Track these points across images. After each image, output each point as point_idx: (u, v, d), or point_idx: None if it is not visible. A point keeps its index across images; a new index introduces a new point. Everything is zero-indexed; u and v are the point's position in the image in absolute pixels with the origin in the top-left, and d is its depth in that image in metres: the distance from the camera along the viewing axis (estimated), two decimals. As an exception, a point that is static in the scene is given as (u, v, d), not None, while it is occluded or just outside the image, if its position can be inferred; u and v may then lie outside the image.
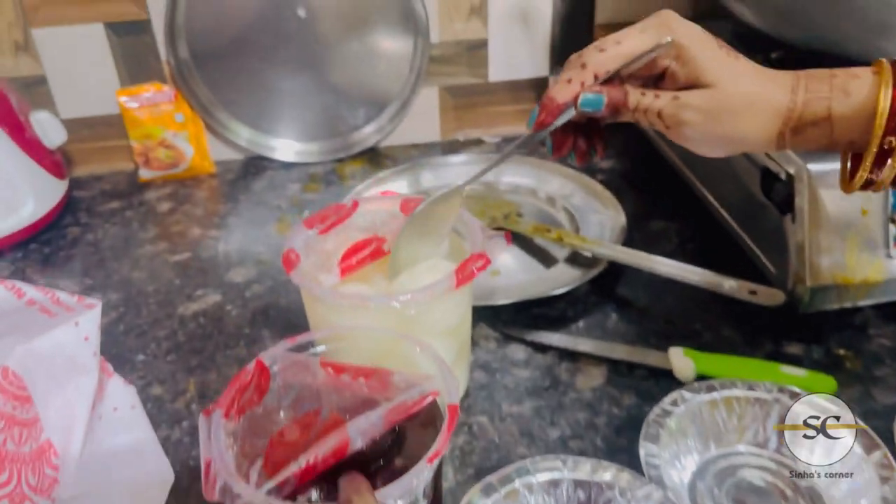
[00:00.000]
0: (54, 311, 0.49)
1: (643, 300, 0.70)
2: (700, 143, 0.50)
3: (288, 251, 0.54)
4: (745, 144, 0.50)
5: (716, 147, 0.51)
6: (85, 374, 0.49)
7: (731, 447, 0.55)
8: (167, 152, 0.93)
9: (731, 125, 0.49)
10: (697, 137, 0.50)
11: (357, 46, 0.92)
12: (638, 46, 0.49)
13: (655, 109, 0.49)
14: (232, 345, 0.67)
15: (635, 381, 0.61)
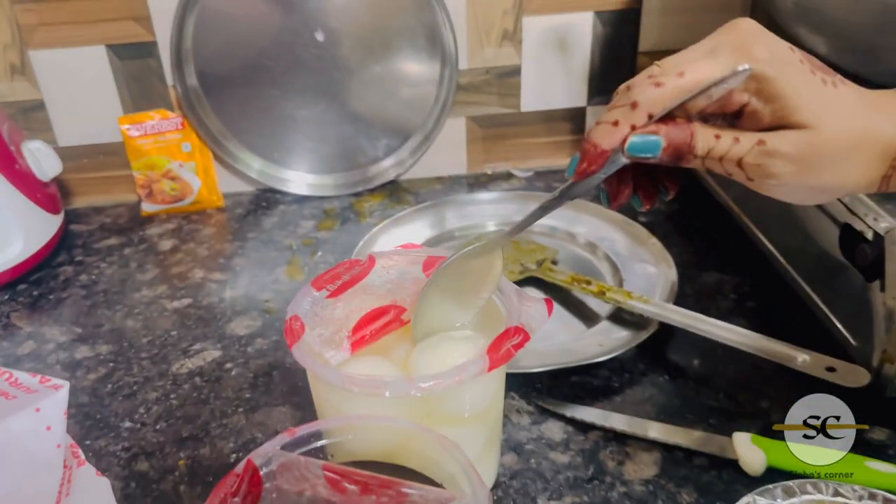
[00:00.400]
0: (13, 394, 0.41)
1: (699, 369, 0.61)
2: (788, 194, 0.41)
3: (291, 319, 0.46)
4: (843, 192, 0.42)
5: (807, 198, 0.42)
6: (46, 470, 0.41)
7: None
8: (172, 185, 0.86)
9: (830, 174, 0.39)
10: (786, 190, 0.40)
11: (378, 73, 0.84)
12: (706, 76, 0.38)
13: (734, 158, 0.39)
14: (229, 412, 0.59)
15: (694, 472, 0.52)
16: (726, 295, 0.70)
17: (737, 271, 0.72)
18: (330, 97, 0.85)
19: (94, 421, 0.59)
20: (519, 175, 0.93)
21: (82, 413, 0.60)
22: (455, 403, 0.45)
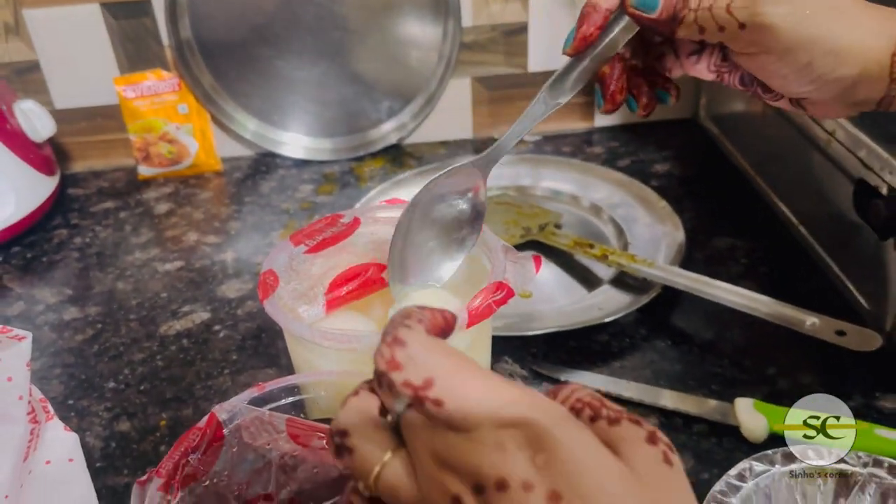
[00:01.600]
0: (-28, 345, 0.40)
1: (704, 335, 0.59)
2: (782, 57, 0.38)
3: (265, 273, 0.44)
4: (848, 62, 0.38)
5: (803, 68, 0.38)
6: (8, 420, 0.39)
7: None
8: (169, 147, 0.84)
9: (828, 25, 0.37)
10: (780, 48, 0.37)
11: (379, 32, 0.81)
12: None
13: (720, 10, 0.37)
14: (215, 374, 0.58)
15: (693, 438, 0.50)
16: (738, 260, 0.67)
17: (750, 236, 0.69)
18: (329, 57, 0.82)
19: (79, 381, 0.58)
20: (526, 139, 0.90)
21: (67, 373, 0.59)
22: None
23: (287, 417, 0.36)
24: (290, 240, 0.47)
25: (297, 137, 0.86)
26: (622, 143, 0.88)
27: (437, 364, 0.24)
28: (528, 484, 0.22)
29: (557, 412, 0.24)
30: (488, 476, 0.23)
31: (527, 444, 0.23)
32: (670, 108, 0.89)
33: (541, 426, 0.23)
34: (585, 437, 0.24)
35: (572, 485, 0.22)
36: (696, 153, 0.84)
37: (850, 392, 0.52)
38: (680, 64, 0.43)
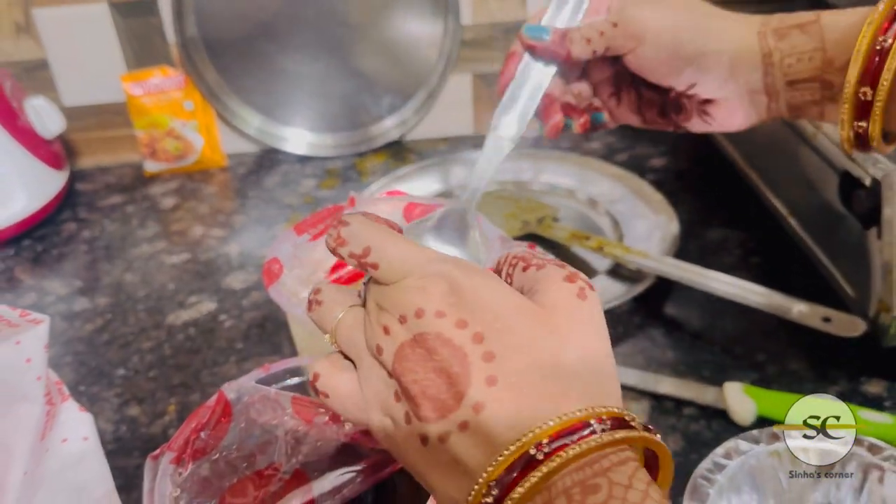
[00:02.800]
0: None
1: (696, 323, 0.60)
2: (654, 43, 0.43)
3: (270, 261, 0.46)
4: (717, 45, 0.43)
5: (673, 49, 0.43)
6: (26, 400, 0.41)
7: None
8: (175, 143, 0.86)
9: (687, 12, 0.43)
10: (649, 35, 0.43)
11: (380, 29, 0.83)
12: None
13: (599, 21, 0.44)
14: (221, 361, 0.60)
15: (683, 421, 0.52)
16: (731, 251, 0.68)
17: (743, 228, 0.71)
18: (331, 54, 0.84)
19: (90, 368, 0.60)
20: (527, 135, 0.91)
21: (78, 361, 0.61)
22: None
23: (292, 395, 0.38)
24: (294, 229, 0.49)
25: (301, 133, 0.88)
26: (619, 138, 0.89)
27: (372, 235, 0.30)
28: (440, 312, 0.28)
29: (472, 267, 0.30)
30: (410, 307, 0.28)
31: (445, 288, 0.28)
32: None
33: (455, 275, 0.29)
34: (493, 283, 0.29)
35: (475, 316, 0.28)
36: (690, 148, 0.85)
37: (836, 377, 0.54)
38: (610, 113, 0.50)
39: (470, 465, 0.27)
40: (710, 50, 0.43)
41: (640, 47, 0.43)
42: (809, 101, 0.43)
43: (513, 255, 0.32)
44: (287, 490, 0.34)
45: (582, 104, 0.50)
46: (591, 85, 0.49)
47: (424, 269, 0.29)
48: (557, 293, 0.29)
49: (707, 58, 0.43)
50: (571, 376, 0.27)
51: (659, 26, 0.43)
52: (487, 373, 0.27)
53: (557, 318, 0.28)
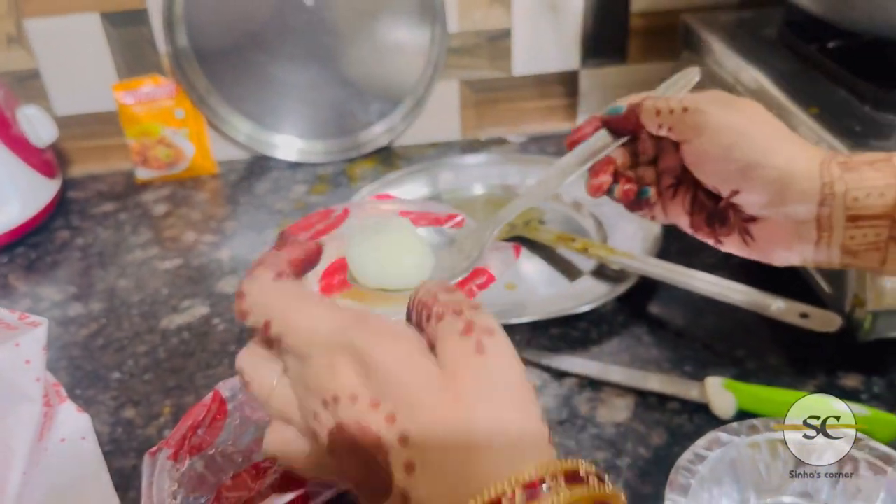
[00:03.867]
0: (-9, 331, 0.43)
1: (678, 321, 0.62)
2: (712, 138, 0.42)
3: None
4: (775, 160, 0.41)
5: (730, 148, 0.42)
6: (26, 401, 0.42)
7: (774, 498, 0.47)
8: (166, 151, 0.87)
9: (755, 121, 0.42)
10: (713, 127, 0.42)
11: (369, 37, 0.85)
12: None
13: (675, 100, 0.44)
14: (214, 364, 0.61)
15: (666, 415, 0.53)
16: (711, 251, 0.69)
17: (723, 228, 0.72)
18: (320, 62, 0.86)
19: (85, 372, 0.61)
20: (512, 140, 0.93)
21: (73, 365, 0.62)
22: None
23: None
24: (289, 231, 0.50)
25: (291, 140, 0.89)
26: (604, 142, 0.91)
27: (272, 306, 0.31)
28: (353, 396, 0.28)
29: (380, 331, 0.29)
30: (326, 392, 0.29)
31: (353, 363, 0.29)
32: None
33: (359, 347, 0.28)
34: (398, 350, 0.29)
35: (385, 392, 0.28)
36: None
37: (814, 371, 0.56)
38: (663, 206, 0.49)
39: None
40: (763, 163, 0.41)
41: (697, 139, 0.43)
42: (870, 244, 0.40)
43: (418, 300, 0.31)
44: (283, 482, 0.35)
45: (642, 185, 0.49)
46: (656, 173, 0.49)
47: (330, 342, 0.29)
48: (454, 351, 0.29)
49: (757, 169, 0.41)
50: (484, 449, 0.27)
51: (720, 124, 0.42)
52: (405, 458, 0.27)
53: (459, 383, 0.28)
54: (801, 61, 0.68)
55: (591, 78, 0.92)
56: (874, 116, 0.58)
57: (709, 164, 0.43)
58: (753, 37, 0.75)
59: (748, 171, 0.41)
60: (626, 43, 0.90)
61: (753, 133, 0.42)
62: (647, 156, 0.49)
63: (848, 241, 0.40)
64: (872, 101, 0.59)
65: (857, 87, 0.61)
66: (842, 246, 0.41)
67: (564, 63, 0.90)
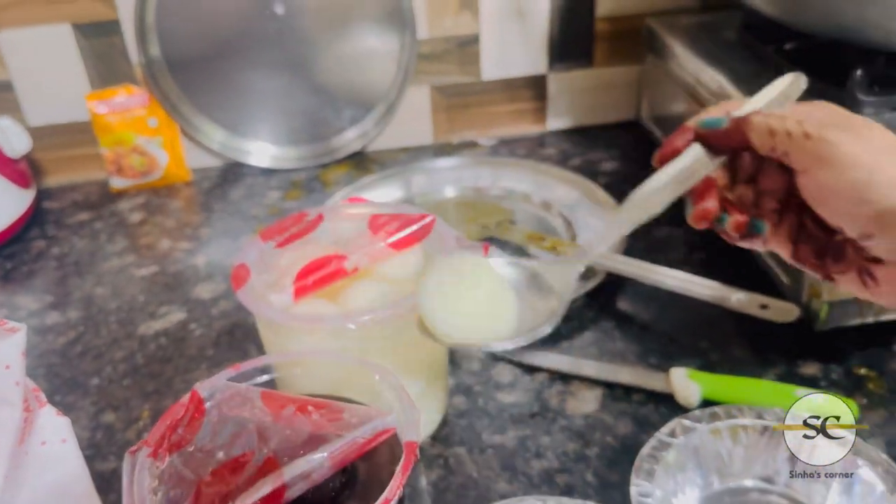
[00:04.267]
0: (-32, 338, 0.43)
1: (644, 316, 0.64)
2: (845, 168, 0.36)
3: (238, 266, 0.48)
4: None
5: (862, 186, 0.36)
6: (6, 405, 0.43)
7: (736, 482, 0.49)
8: (140, 159, 0.88)
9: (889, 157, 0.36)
10: (841, 158, 0.36)
11: (339, 44, 0.86)
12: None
13: (791, 116, 0.38)
14: (192, 368, 0.62)
15: (633, 406, 0.55)
16: (676, 248, 0.72)
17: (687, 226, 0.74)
18: (292, 70, 0.87)
19: (64, 379, 0.61)
20: (483, 143, 0.95)
21: (52, 372, 0.62)
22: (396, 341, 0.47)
23: (262, 390, 0.40)
24: (260, 236, 0.51)
25: (264, 147, 0.90)
26: (573, 144, 0.93)
27: None
28: None
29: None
30: None
31: None
32: (615, 112, 0.96)
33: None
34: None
35: None
36: (639, 151, 0.89)
37: (774, 360, 0.58)
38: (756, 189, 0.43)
39: None
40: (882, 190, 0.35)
41: (820, 171, 0.37)
42: None
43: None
44: (260, 476, 0.36)
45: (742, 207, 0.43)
46: (755, 193, 0.43)
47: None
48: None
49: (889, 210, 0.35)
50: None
51: (850, 158, 0.36)
52: None
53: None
54: (759, 62, 0.71)
55: (558, 82, 0.94)
56: (826, 114, 0.60)
57: (836, 202, 0.37)
58: (713, 39, 0.78)
59: (887, 216, 0.36)
60: (592, 47, 0.92)
61: (891, 170, 0.36)
62: (746, 173, 0.43)
63: None
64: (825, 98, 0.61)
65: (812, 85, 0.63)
66: None
67: (532, 67, 0.92)
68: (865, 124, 0.38)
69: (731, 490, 0.48)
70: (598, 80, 0.94)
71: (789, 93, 0.43)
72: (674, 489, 0.47)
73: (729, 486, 0.49)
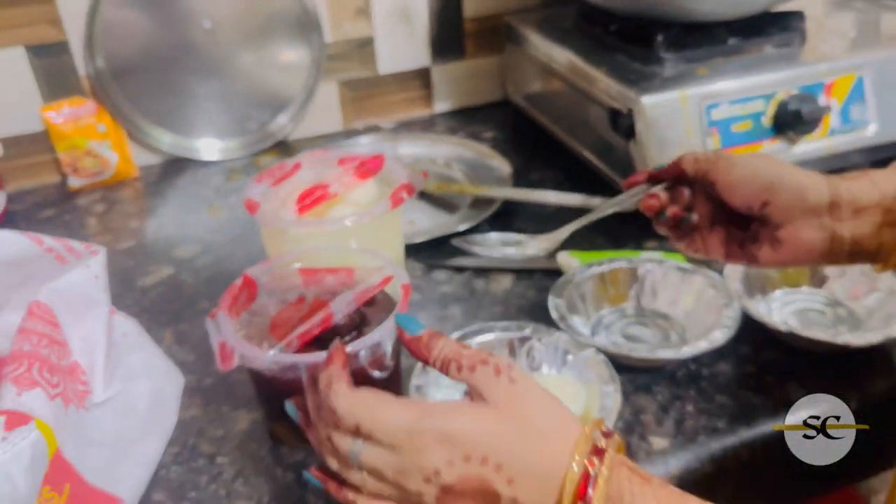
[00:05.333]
0: (67, 259, 0.58)
1: (534, 226, 0.86)
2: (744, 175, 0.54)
3: (248, 199, 0.66)
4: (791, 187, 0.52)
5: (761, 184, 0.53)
6: (98, 306, 0.58)
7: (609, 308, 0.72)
8: (94, 160, 1.01)
9: (770, 161, 0.54)
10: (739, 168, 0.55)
11: (260, 50, 1.04)
12: None
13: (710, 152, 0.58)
14: (196, 301, 0.77)
15: (535, 281, 0.77)
16: (548, 185, 0.95)
17: (556, 168, 0.98)
18: (222, 75, 1.03)
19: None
20: (384, 126, 1.15)
21: (74, 321, 0.76)
22: (374, 238, 0.66)
23: (298, 267, 0.58)
24: (255, 180, 0.69)
25: (204, 142, 1.06)
26: (457, 122, 1.15)
27: (358, 410, 0.41)
28: (450, 462, 0.39)
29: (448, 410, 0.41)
30: (426, 469, 0.39)
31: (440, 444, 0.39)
32: (488, 94, 1.19)
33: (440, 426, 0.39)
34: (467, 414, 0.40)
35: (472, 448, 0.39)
36: (509, 124, 1.13)
37: (626, 241, 0.81)
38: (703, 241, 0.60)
39: None
40: (784, 176, 0.52)
41: (727, 176, 0.55)
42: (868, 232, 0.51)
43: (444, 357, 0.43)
44: (314, 310, 0.54)
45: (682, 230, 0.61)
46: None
47: (413, 430, 0.40)
48: (498, 389, 0.40)
49: (780, 181, 0.52)
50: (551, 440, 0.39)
51: (745, 162, 0.54)
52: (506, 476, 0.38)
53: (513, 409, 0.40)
54: (593, 40, 0.95)
55: (440, 73, 1.16)
56: (642, 70, 0.85)
57: (740, 188, 0.54)
58: (558, 27, 1.02)
59: (773, 185, 0.52)
60: (463, 42, 1.15)
61: (771, 162, 0.54)
62: (684, 202, 0.60)
63: (855, 230, 0.51)
64: (641, 61, 0.86)
65: (630, 53, 0.88)
66: (851, 235, 0.51)
67: (418, 62, 1.14)
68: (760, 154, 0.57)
69: (614, 311, 0.71)
70: (471, 69, 1.17)
71: None
72: (576, 310, 0.68)
73: (601, 312, 0.71)
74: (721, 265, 0.72)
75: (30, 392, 0.49)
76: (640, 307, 0.71)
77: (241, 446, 0.60)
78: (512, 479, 0.39)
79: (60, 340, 0.54)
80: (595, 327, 0.69)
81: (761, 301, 0.70)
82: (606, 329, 0.69)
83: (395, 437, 0.40)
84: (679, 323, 0.69)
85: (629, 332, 0.69)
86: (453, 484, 0.39)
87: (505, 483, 0.39)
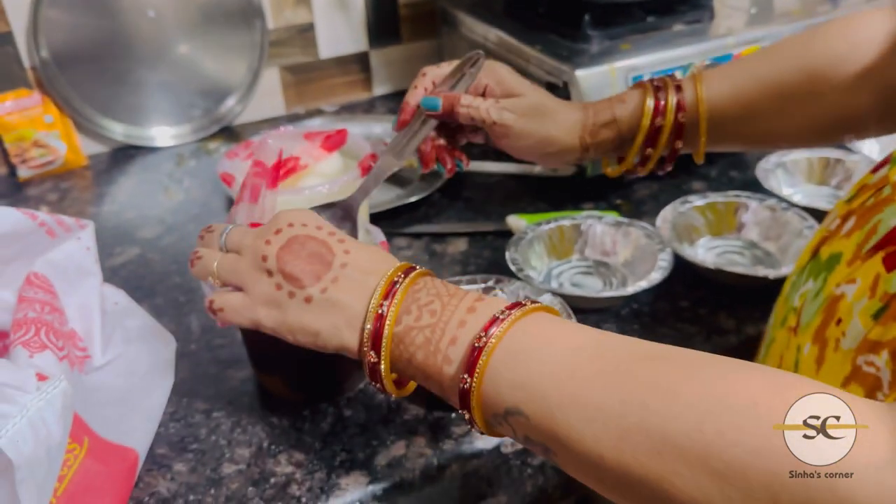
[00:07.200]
0: (57, 233, 0.61)
1: (483, 194, 0.93)
2: (519, 138, 0.65)
3: (223, 173, 0.70)
4: (556, 144, 0.66)
5: (533, 145, 0.66)
6: (91, 275, 0.62)
7: (563, 260, 0.79)
8: (42, 151, 1.02)
9: (539, 124, 0.65)
10: (516, 133, 0.65)
11: (204, 38, 1.07)
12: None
13: (483, 107, 0.65)
14: (167, 276, 0.81)
15: (488, 241, 0.84)
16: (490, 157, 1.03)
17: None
18: (168, 63, 1.06)
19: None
20: (327, 110, 1.20)
21: (48, 302, 0.78)
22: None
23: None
24: (226, 156, 0.73)
25: (153, 130, 1.08)
26: (396, 104, 1.20)
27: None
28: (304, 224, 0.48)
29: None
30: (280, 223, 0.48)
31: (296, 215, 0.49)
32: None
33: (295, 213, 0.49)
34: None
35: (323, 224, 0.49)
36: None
37: (566, 204, 0.89)
38: (466, 137, 0.72)
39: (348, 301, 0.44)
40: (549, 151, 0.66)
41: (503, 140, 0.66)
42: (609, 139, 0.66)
43: None
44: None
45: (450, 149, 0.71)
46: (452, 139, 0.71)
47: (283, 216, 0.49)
48: None
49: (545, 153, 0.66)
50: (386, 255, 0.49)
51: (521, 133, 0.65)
52: (343, 247, 0.46)
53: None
54: (524, 21, 1.02)
55: (378, 57, 1.21)
56: (572, 47, 0.93)
57: (521, 152, 0.67)
58: (489, 10, 1.09)
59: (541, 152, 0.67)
60: (399, 27, 1.21)
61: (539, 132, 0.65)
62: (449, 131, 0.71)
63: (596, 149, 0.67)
64: (570, 39, 0.94)
65: (560, 32, 0.96)
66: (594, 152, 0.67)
67: (357, 46, 1.19)
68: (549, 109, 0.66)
69: (562, 263, 0.79)
70: (407, 52, 1.23)
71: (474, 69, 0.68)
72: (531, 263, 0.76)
73: (554, 263, 0.79)
74: (653, 217, 0.81)
75: (41, 354, 0.52)
76: (584, 258, 0.79)
77: (234, 401, 0.64)
78: (348, 251, 0.46)
79: (59, 308, 0.58)
80: (547, 278, 0.77)
81: (689, 248, 0.79)
82: (557, 279, 0.77)
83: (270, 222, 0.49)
84: (620, 270, 0.77)
85: (577, 281, 0.77)
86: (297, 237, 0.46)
87: (343, 252, 0.46)
